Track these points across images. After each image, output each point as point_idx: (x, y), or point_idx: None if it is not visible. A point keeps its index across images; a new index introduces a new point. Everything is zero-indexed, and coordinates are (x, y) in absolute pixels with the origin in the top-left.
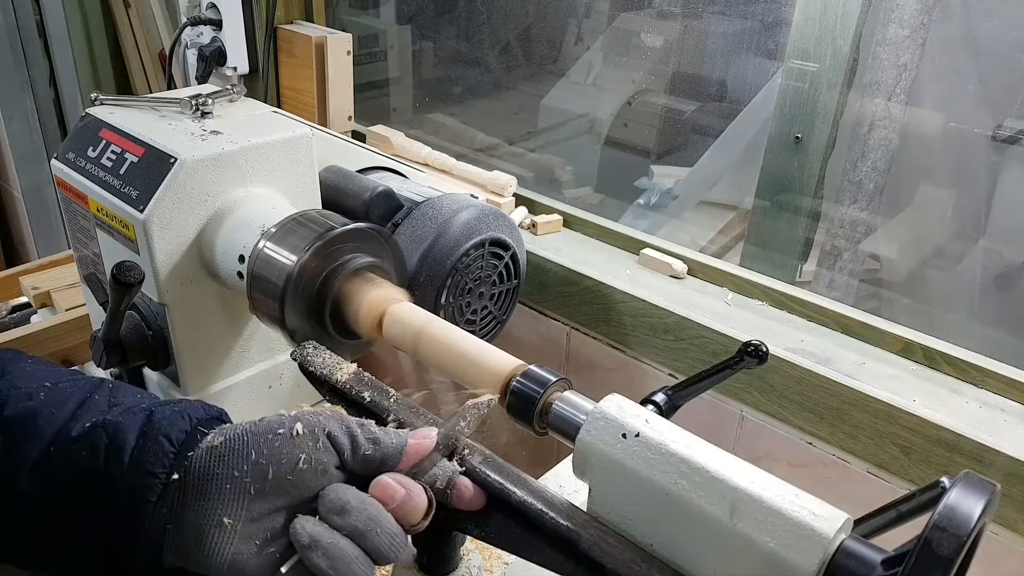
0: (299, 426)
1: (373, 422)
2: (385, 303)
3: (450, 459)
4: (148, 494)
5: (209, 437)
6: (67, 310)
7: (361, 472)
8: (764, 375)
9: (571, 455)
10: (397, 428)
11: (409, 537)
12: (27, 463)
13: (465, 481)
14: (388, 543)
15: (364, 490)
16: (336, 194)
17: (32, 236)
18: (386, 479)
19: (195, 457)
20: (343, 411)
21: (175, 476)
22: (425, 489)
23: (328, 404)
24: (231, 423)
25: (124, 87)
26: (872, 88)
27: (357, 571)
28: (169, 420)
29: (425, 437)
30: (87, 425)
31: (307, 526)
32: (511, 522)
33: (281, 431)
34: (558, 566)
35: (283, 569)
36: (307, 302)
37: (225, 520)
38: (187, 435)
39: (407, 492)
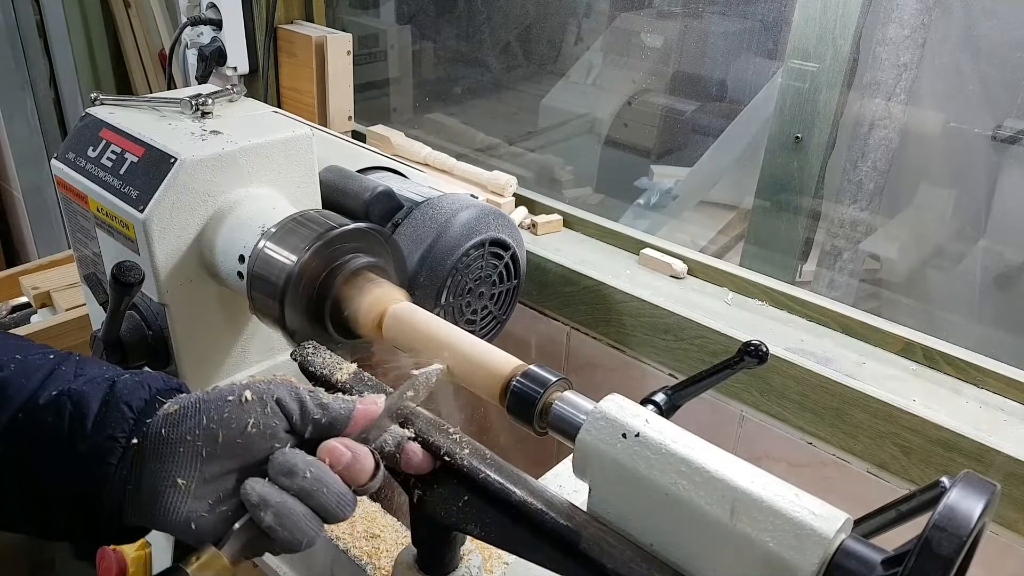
0: (248, 393)
1: (323, 390)
2: (385, 303)
3: (402, 427)
4: (109, 457)
5: (166, 405)
6: (67, 310)
7: (311, 436)
8: (764, 375)
9: (571, 455)
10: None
11: (401, 533)
12: None
13: (413, 446)
14: (336, 501)
15: (315, 454)
16: (336, 194)
17: (32, 236)
18: (333, 443)
19: (152, 423)
20: (293, 379)
21: (134, 440)
22: (372, 452)
23: (279, 374)
24: (188, 393)
25: (124, 87)
26: (872, 88)
27: (304, 527)
28: (130, 389)
29: (373, 403)
30: (54, 393)
31: (256, 487)
32: (511, 522)
33: (231, 398)
34: (558, 566)
35: (235, 527)
36: (307, 302)
37: (179, 481)
38: (146, 403)
39: (353, 455)
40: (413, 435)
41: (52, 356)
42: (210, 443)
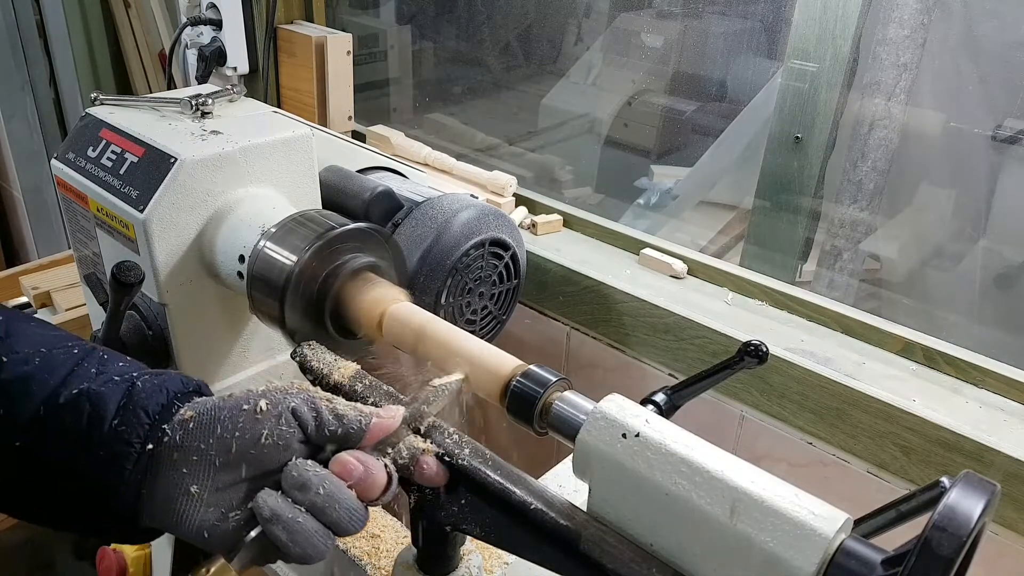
0: (263, 403)
1: (342, 399)
2: (385, 303)
3: (422, 437)
4: (124, 461)
5: (182, 411)
6: (67, 310)
7: (326, 446)
8: (764, 375)
9: (571, 455)
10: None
11: (401, 532)
12: (21, 423)
13: (428, 458)
14: (347, 517)
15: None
16: (336, 194)
17: (32, 236)
18: (345, 456)
19: (168, 430)
20: (310, 387)
21: (149, 446)
22: (386, 466)
23: (298, 381)
24: (208, 396)
25: (124, 87)
26: (872, 88)
27: (317, 543)
28: (148, 393)
29: (390, 416)
30: (74, 392)
31: (269, 500)
32: (511, 522)
33: (246, 407)
34: (558, 566)
35: (246, 539)
36: (307, 302)
37: (192, 489)
38: (163, 408)
39: (366, 469)
40: (430, 448)
41: (76, 351)
42: (223, 452)
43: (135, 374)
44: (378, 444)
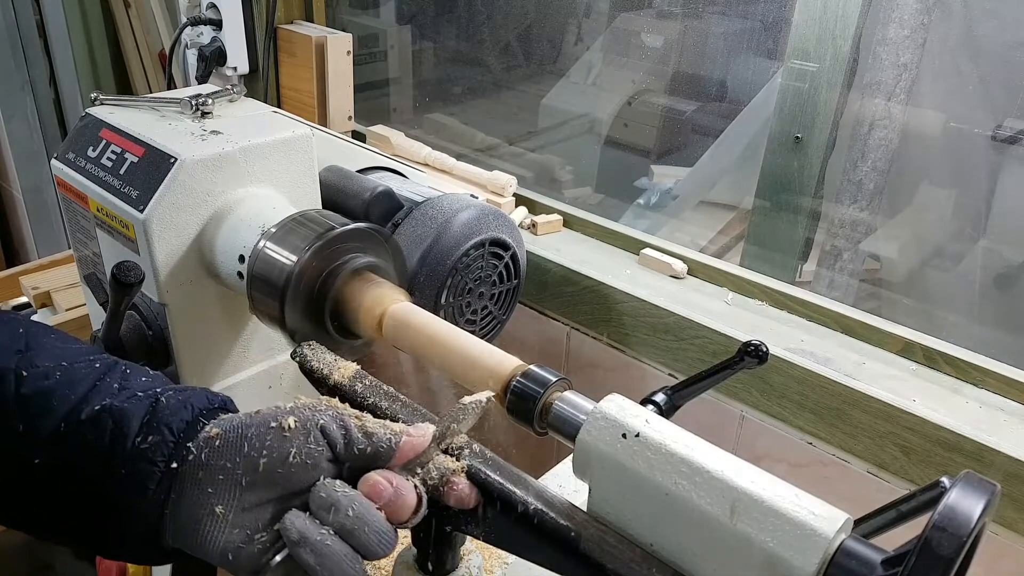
0: (291, 420)
1: (370, 416)
2: (385, 303)
3: (451, 456)
4: (148, 481)
5: (207, 429)
6: (67, 310)
7: (355, 465)
8: (764, 375)
9: (571, 455)
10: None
11: (401, 532)
12: (42, 439)
13: (459, 478)
14: (376, 540)
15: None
16: (336, 194)
17: (32, 236)
18: (375, 476)
19: (193, 448)
20: (338, 403)
21: (173, 464)
22: (416, 487)
23: (327, 397)
24: (233, 412)
25: (124, 87)
26: (872, 88)
27: (346, 568)
28: (172, 410)
29: (420, 435)
30: (96, 408)
31: (296, 523)
32: (511, 522)
33: (274, 424)
34: (558, 566)
35: (273, 563)
36: (307, 302)
37: (217, 509)
38: (188, 425)
39: (396, 490)
40: (460, 467)
41: (98, 365)
42: (250, 472)
43: (159, 390)
44: (407, 464)
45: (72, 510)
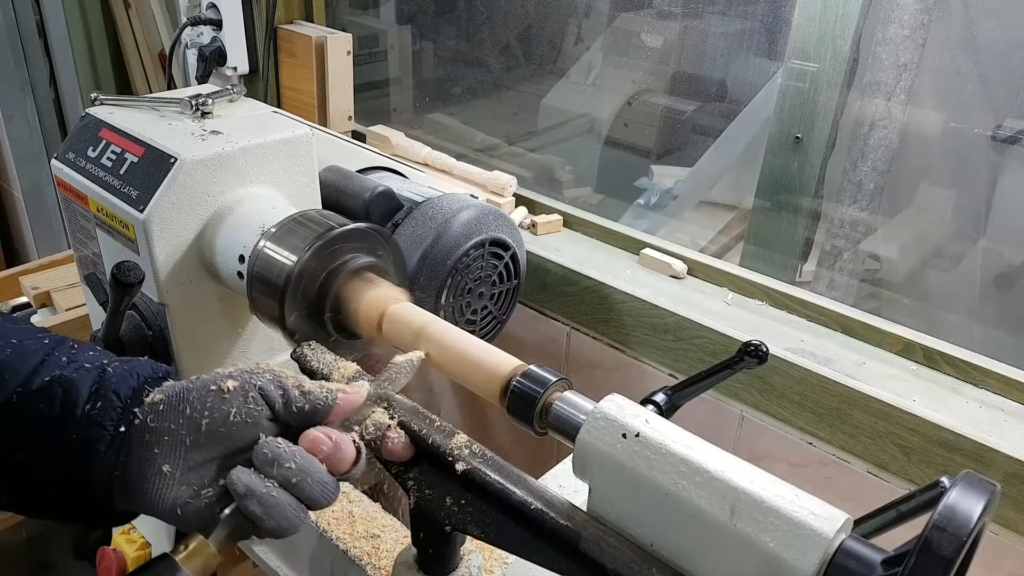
0: (230, 383)
1: (307, 378)
2: (385, 303)
3: (386, 412)
4: (98, 444)
5: (152, 394)
6: (67, 310)
7: (295, 423)
8: (764, 375)
9: (571, 455)
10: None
11: (401, 532)
12: None
13: (394, 432)
14: (320, 491)
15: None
16: (336, 194)
17: (32, 236)
18: (314, 432)
19: (139, 412)
20: (276, 367)
21: (122, 428)
22: (354, 440)
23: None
24: (175, 380)
25: (124, 87)
26: (872, 88)
27: (290, 516)
28: (119, 377)
29: (355, 392)
30: (46, 380)
31: (243, 477)
32: (511, 522)
33: (213, 387)
34: (558, 566)
35: (222, 516)
36: (307, 302)
37: (165, 468)
38: (134, 391)
39: (335, 443)
40: (394, 422)
41: (47, 341)
42: (193, 432)
43: (105, 361)
44: (345, 420)
45: (27, 479)
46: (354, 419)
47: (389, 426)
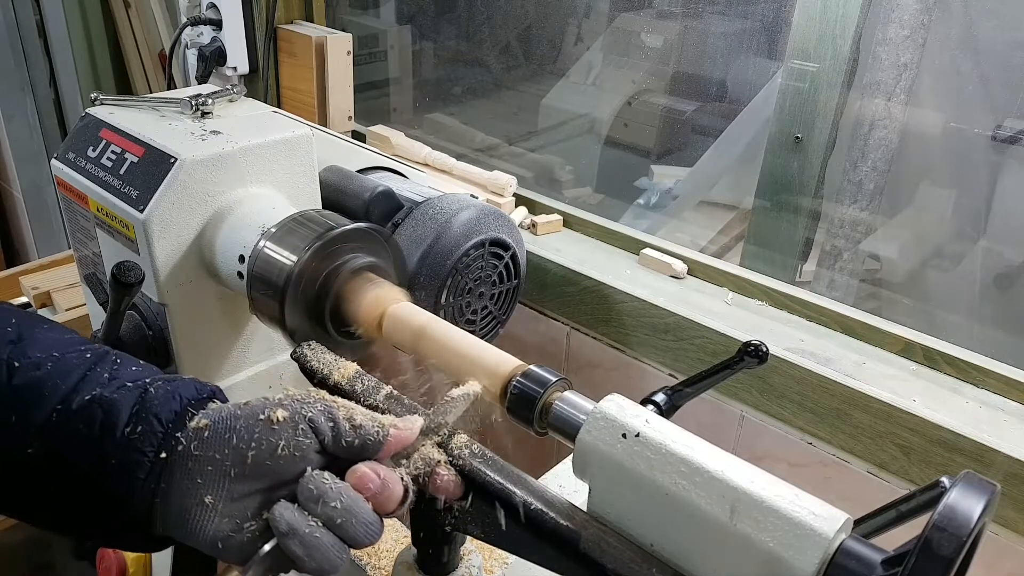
0: (280, 412)
1: (360, 408)
2: (385, 303)
3: (439, 449)
4: (137, 470)
5: (196, 419)
6: (67, 310)
7: (344, 456)
8: (764, 375)
9: (571, 455)
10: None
11: (400, 532)
12: (34, 430)
13: (444, 469)
14: (363, 532)
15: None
16: (336, 194)
17: (32, 236)
18: (363, 468)
19: (182, 438)
20: (327, 395)
21: (162, 455)
22: (402, 478)
23: (315, 388)
24: (222, 402)
25: (124, 87)
26: (872, 88)
27: (332, 558)
28: (161, 400)
29: (408, 428)
30: (86, 399)
31: (285, 514)
32: (511, 522)
33: (262, 416)
34: (558, 566)
35: (262, 552)
36: (307, 302)
37: (206, 499)
38: (176, 415)
39: (383, 482)
40: (445, 459)
41: (89, 355)
42: (239, 464)
43: (148, 380)
44: (394, 455)
45: (66, 499)
46: (404, 454)
47: (439, 462)
